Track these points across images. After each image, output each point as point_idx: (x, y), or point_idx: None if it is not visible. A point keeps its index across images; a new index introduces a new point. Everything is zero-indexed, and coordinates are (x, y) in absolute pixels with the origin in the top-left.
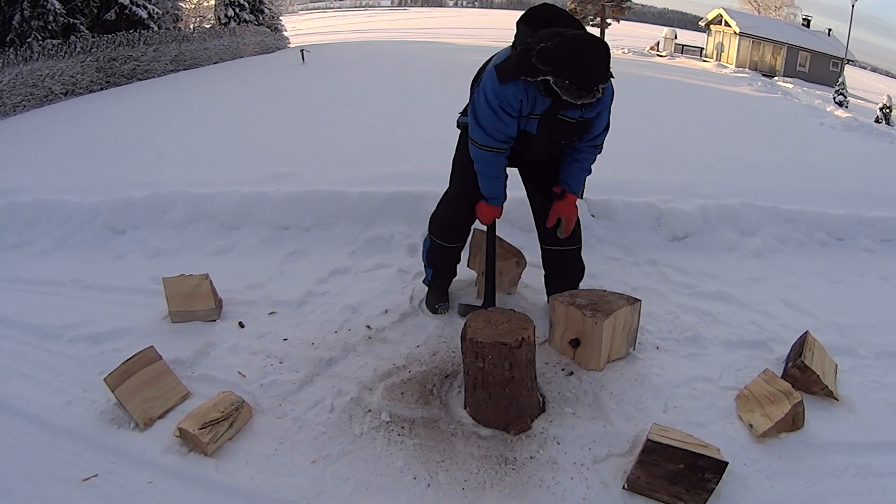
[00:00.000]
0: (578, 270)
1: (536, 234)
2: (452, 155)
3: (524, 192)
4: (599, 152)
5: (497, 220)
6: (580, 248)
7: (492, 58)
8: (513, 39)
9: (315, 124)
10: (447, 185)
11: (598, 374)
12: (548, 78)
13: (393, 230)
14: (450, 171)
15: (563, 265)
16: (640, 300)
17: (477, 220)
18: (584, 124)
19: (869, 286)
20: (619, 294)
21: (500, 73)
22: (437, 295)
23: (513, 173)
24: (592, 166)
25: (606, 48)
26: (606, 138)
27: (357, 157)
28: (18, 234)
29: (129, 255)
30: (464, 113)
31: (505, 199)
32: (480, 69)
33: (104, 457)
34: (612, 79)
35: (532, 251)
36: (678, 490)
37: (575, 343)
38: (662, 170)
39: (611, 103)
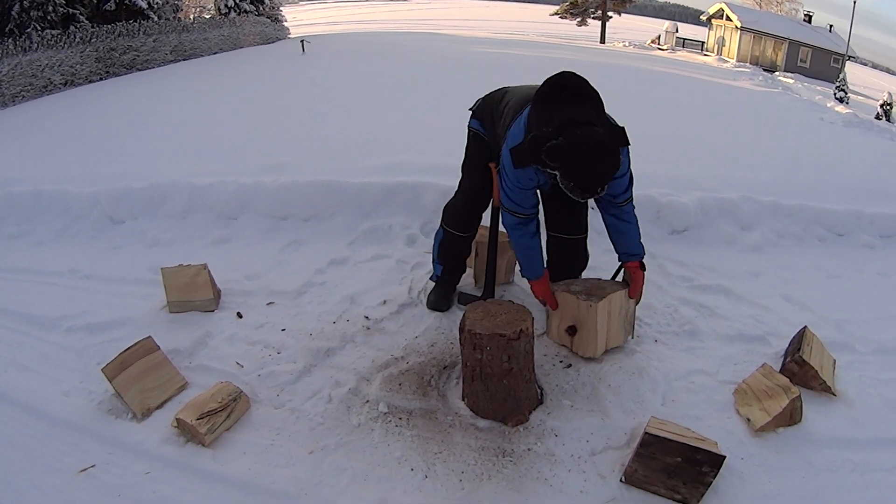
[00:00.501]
0: (582, 260)
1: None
2: (454, 146)
3: None
4: (633, 211)
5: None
6: (586, 237)
7: (503, 102)
8: (528, 112)
9: (315, 115)
10: (448, 176)
11: (597, 366)
12: (560, 182)
13: (392, 221)
14: (461, 162)
15: (569, 254)
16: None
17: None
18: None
19: (868, 282)
20: (616, 281)
21: (514, 157)
22: (444, 293)
23: None
24: (638, 227)
25: (615, 153)
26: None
27: (356, 148)
28: (17, 225)
29: (128, 246)
30: (475, 115)
31: (543, 271)
32: (490, 96)
33: (102, 447)
34: (626, 146)
35: None
36: (675, 483)
37: (571, 330)
38: (662, 163)
39: (628, 170)
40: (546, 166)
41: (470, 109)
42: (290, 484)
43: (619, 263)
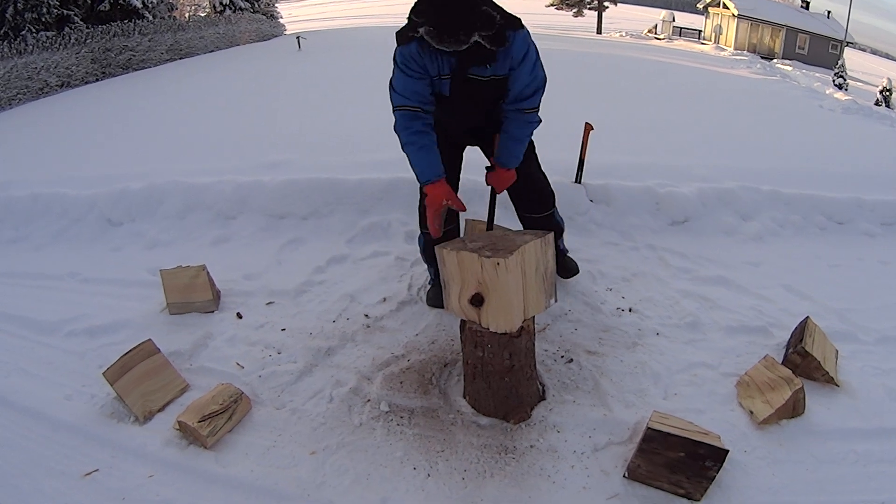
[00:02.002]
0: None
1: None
2: None
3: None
4: (533, 122)
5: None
6: (553, 213)
7: None
8: None
9: (311, 111)
10: None
11: (598, 360)
12: (422, 31)
13: (390, 217)
14: None
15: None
16: (551, 232)
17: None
18: (499, 83)
19: (869, 270)
20: (524, 231)
21: (398, 37)
22: (439, 292)
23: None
24: (527, 136)
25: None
26: (602, 118)
27: (354, 144)
28: (15, 229)
29: (126, 248)
30: None
31: (442, 173)
32: None
33: (104, 451)
34: (520, 29)
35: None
36: (679, 478)
37: (477, 300)
38: (660, 153)
39: (525, 58)
40: (415, 27)
41: None
42: (292, 485)
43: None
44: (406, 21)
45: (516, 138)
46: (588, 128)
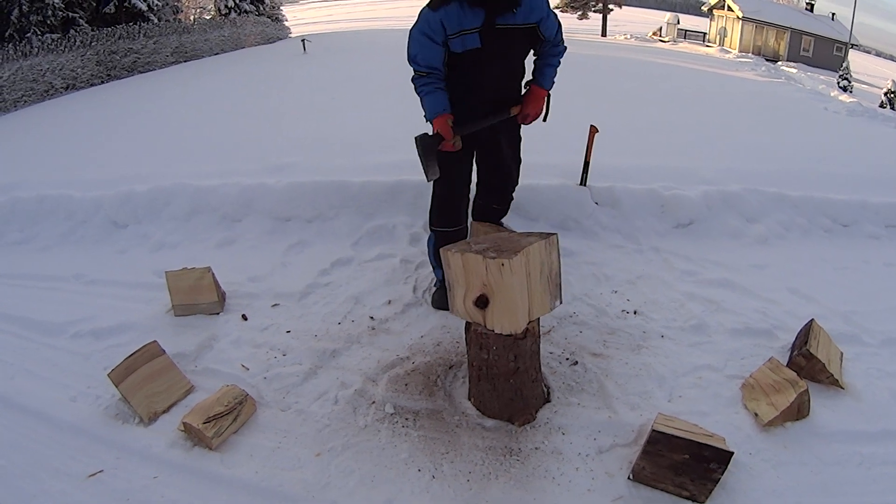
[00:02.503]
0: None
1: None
2: None
3: (531, 181)
4: (562, 50)
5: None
6: (504, 212)
7: None
8: None
9: (316, 114)
10: None
11: (603, 363)
12: None
13: (395, 220)
14: None
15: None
16: (555, 233)
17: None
18: (527, 32)
19: (874, 273)
20: (529, 232)
21: (431, 2)
22: (447, 296)
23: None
24: (559, 61)
25: None
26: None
27: (359, 147)
28: (21, 230)
29: (132, 249)
30: None
31: (447, 109)
32: None
33: (109, 452)
34: None
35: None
36: (683, 480)
37: (482, 303)
38: (666, 155)
39: (549, 5)
40: None
41: None
42: (297, 487)
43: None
44: None
45: (551, 64)
46: (593, 130)
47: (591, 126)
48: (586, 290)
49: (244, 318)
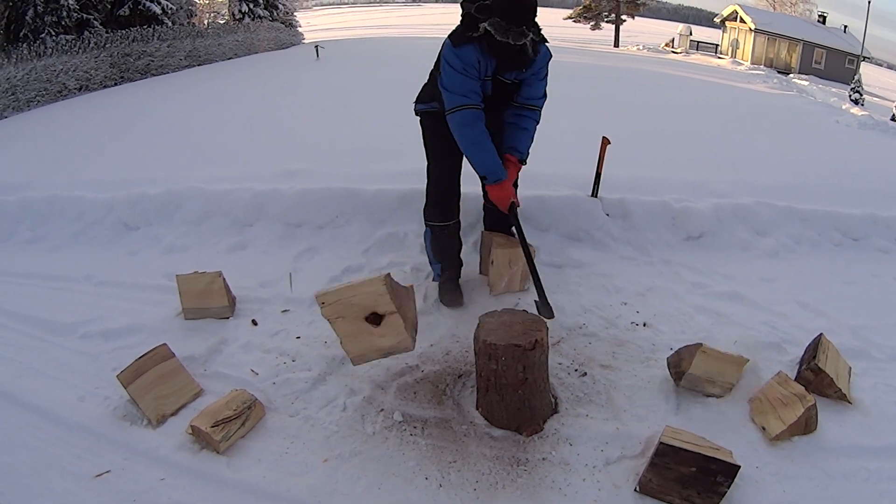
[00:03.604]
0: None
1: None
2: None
3: (542, 192)
4: (537, 120)
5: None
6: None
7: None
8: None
9: (329, 121)
10: (465, 182)
11: (612, 374)
12: (485, 25)
13: (407, 228)
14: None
15: (497, 222)
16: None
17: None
18: (517, 86)
19: (884, 287)
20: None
21: (453, 38)
22: (451, 289)
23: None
24: (534, 131)
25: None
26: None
27: (371, 154)
28: (32, 230)
29: (143, 252)
30: (419, 100)
31: (501, 174)
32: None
33: (116, 453)
34: (545, 42)
35: (546, 249)
36: (690, 493)
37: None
38: (677, 167)
39: (546, 69)
40: (476, 26)
41: (415, 103)
42: (304, 492)
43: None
44: (462, 21)
45: (529, 132)
46: (605, 142)
47: (604, 138)
48: (596, 302)
49: (254, 322)
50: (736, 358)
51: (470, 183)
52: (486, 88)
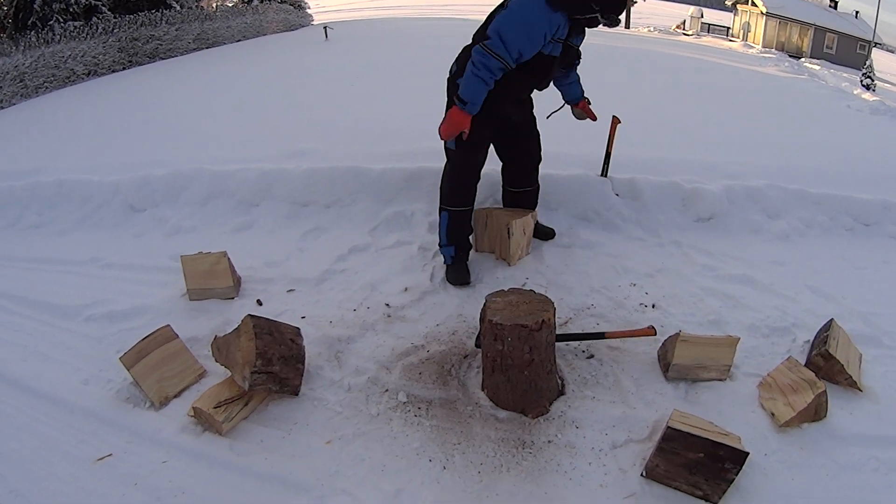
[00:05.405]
0: (531, 207)
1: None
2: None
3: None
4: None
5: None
6: (538, 189)
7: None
8: None
9: (337, 101)
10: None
11: (619, 356)
12: (595, 15)
13: (414, 207)
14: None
15: (521, 204)
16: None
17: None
18: (577, 49)
19: (895, 273)
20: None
21: (552, 2)
22: (460, 268)
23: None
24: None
25: None
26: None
27: (379, 134)
28: (39, 214)
29: (149, 233)
30: (462, 73)
31: (477, 110)
32: (492, 11)
33: (119, 436)
34: None
35: (555, 229)
36: (697, 479)
37: None
38: (688, 148)
39: None
40: (587, 10)
41: (452, 74)
42: (307, 474)
43: (563, 104)
44: None
45: (579, 81)
46: (615, 121)
47: (614, 117)
48: (605, 283)
49: (259, 303)
50: (724, 339)
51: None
52: (554, 51)
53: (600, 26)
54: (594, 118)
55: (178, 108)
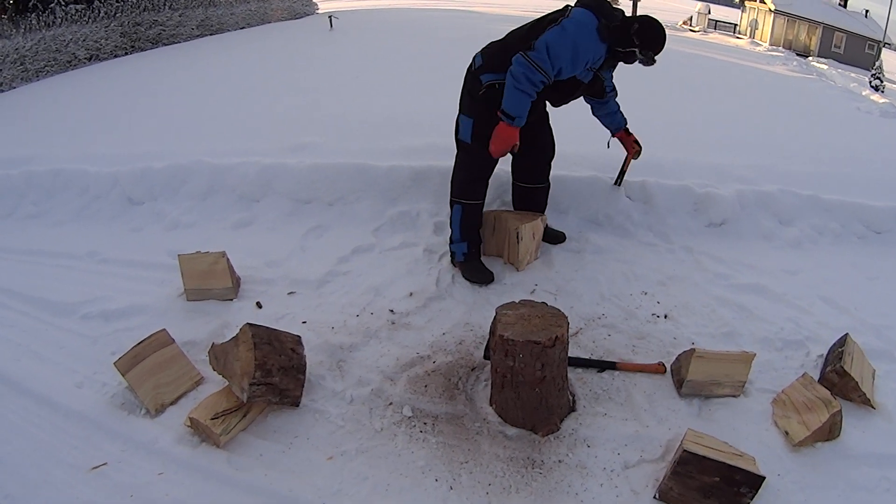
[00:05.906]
0: (541, 207)
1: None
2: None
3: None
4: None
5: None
6: (549, 187)
7: (556, 17)
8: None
9: (341, 93)
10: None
11: (631, 372)
12: (634, 49)
13: (420, 207)
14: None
15: (531, 202)
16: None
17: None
18: (602, 82)
19: None
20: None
21: (601, 32)
22: (478, 267)
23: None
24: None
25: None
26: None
27: (384, 129)
28: (36, 204)
29: (147, 228)
30: (490, 69)
31: (524, 123)
32: (538, 21)
33: (114, 444)
34: None
35: (565, 232)
36: (711, 503)
37: None
38: (698, 149)
39: None
40: (628, 45)
41: (477, 67)
42: (307, 492)
43: (611, 136)
44: (618, 31)
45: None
46: (632, 149)
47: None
48: (616, 291)
49: (258, 305)
50: (740, 355)
51: None
52: (585, 77)
53: (636, 63)
54: (631, 151)
55: (179, 97)
